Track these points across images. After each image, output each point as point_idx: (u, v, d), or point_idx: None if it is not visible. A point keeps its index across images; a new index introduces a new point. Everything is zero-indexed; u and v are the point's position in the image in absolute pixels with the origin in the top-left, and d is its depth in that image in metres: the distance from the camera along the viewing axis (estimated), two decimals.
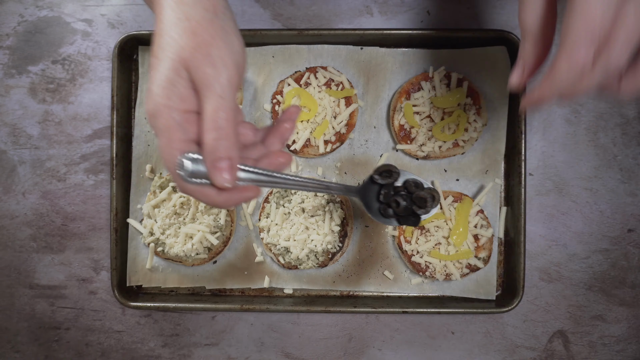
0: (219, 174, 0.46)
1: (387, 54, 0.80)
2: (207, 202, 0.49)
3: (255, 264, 0.81)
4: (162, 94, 0.45)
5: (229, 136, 0.46)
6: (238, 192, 0.49)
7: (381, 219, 0.59)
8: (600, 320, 0.81)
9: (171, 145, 0.46)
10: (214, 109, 0.45)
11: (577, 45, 0.41)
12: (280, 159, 0.52)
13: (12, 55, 0.83)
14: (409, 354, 0.82)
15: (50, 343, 0.83)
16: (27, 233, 0.83)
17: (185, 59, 0.45)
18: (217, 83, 0.45)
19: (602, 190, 0.80)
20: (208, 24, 0.46)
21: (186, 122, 0.46)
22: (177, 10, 0.46)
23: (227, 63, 0.46)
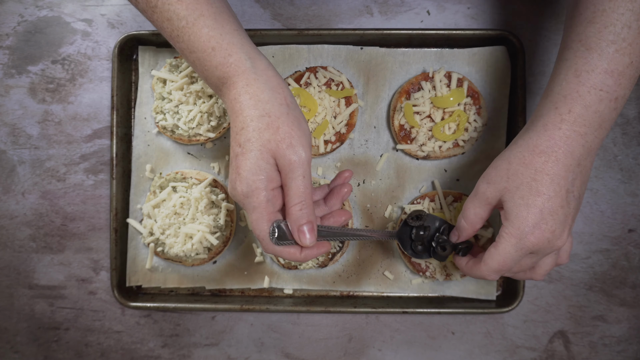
0: (304, 236, 0.57)
1: (387, 54, 0.80)
2: (291, 259, 0.60)
3: (255, 264, 0.81)
4: (253, 178, 0.54)
5: (309, 205, 0.56)
6: (316, 248, 0.60)
7: (414, 255, 0.71)
8: (601, 321, 0.81)
9: (263, 218, 0.56)
10: (297, 187, 0.55)
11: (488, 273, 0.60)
12: (344, 217, 0.65)
13: (11, 55, 0.83)
14: (409, 354, 0.82)
15: (50, 343, 0.83)
16: (27, 233, 0.83)
17: (272, 149, 0.54)
18: (299, 166, 0.55)
19: (603, 190, 0.80)
20: (285, 117, 0.55)
21: (273, 198, 0.56)
22: (257, 107, 0.55)
23: (305, 148, 0.56)
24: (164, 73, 0.78)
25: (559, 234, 0.55)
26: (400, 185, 0.81)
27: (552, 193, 0.54)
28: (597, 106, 0.54)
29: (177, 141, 0.81)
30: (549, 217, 0.55)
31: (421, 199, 0.79)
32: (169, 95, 0.78)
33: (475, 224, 0.63)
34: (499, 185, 0.58)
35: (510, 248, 0.57)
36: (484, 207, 0.61)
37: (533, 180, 0.55)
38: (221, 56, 0.57)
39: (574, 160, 0.55)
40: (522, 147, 0.57)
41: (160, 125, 0.79)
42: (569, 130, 0.55)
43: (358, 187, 0.81)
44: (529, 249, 0.56)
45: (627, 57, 0.53)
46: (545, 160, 0.55)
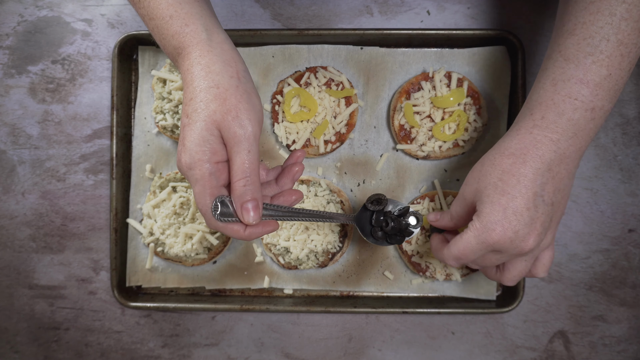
0: (247, 213, 0.55)
1: (387, 54, 0.80)
2: (234, 236, 0.58)
3: (255, 264, 0.81)
4: (196, 149, 0.53)
5: (254, 182, 0.55)
6: (261, 227, 0.58)
7: (372, 240, 0.69)
8: (601, 321, 0.81)
9: (205, 192, 0.54)
10: (242, 161, 0.54)
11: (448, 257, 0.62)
12: (294, 196, 0.63)
13: (11, 55, 0.83)
14: (409, 354, 0.82)
15: (50, 343, 0.83)
16: (27, 233, 0.83)
17: (217, 120, 0.54)
18: (245, 140, 0.54)
19: (603, 190, 0.80)
20: (234, 90, 0.55)
21: (217, 171, 0.55)
22: (207, 78, 0.54)
23: (252, 122, 0.54)
24: (164, 73, 0.78)
25: (522, 236, 0.55)
26: (400, 185, 0.81)
27: (516, 193, 0.55)
28: (570, 114, 0.55)
29: (177, 141, 0.81)
30: (512, 216, 0.55)
31: (421, 199, 0.79)
32: (169, 95, 0.78)
33: (455, 220, 0.65)
34: (472, 186, 0.60)
35: (472, 239, 0.58)
36: (462, 206, 0.63)
37: (499, 180, 0.56)
38: (178, 25, 0.57)
39: (544, 164, 0.55)
40: (495, 150, 0.59)
41: (160, 125, 0.79)
42: (539, 135, 0.56)
43: (358, 187, 0.81)
44: (490, 244, 0.57)
45: (605, 69, 0.54)
46: (513, 162, 0.56)
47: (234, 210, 0.56)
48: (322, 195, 0.77)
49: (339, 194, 0.79)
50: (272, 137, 0.81)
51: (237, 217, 0.56)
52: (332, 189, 0.78)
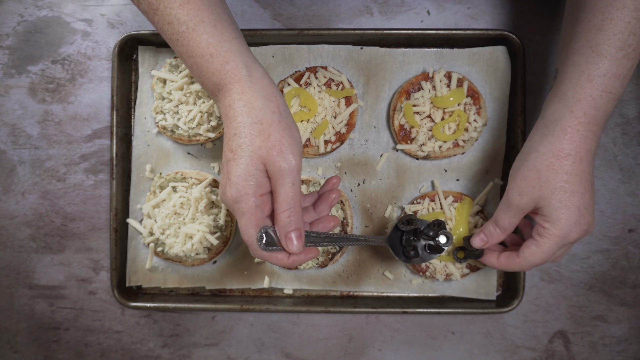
0: (291, 243, 0.57)
1: (387, 54, 0.80)
2: (278, 264, 0.60)
3: (255, 264, 0.81)
4: (243, 183, 0.55)
5: (297, 213, 0.57)
6: (304, 254, 0.60)
7: (403, 259, 0.71)
8: (601, 321, 0.81)
9: (251, 224, 0.57)
10: (286, 194, 0.56)
11: (527, 267, 0.65)
12: (332, 223, 0.65)
13: (11, 55, 0.83)
14: (409, 354, 0.82)
15: (50, 343, 0.83)
16: (27, 233, 0.83)
17: (262, 156, 0.55)
18: (289, 173, 0.56)
19: (603, 190, 0.80)
20: (277, 125, 0.56)
21: (262, 204, 0.57)
22: (250, 114, 0.56)
23: (295, 155, 0.56)
24: (164, 73, 0.78)
25: (592, 222, 0.62)
26: (400, 185, 0.81)
27: (583, 190, 0.60)
28: (606, 107, 0.60)
29: (177, 141, 0.81)
30: (585, 211, 0.61)
31: (421, 199, 0.79)
32: (169, 95, 0.78)
33: (508, 232, 0.68)
34: (532, 194, 0.62)
35: (554, 246, 0.62)
36: (518, 216, 0.65)
37: (566, 183, 0.60)
38: (219, 63, 0.58)
39: (592, 156, 0.61)
40: (547, 153, 0.61)
41: (160, 125, 0.79)
42: (585, 131, 0.60)
43: (358, 187, 0.81)
44: (570, 243, 0.62)
45: (631, 62, 0.58)
46: (572, 162, 0.60)
47: (277, 239, 0.58)
48: None
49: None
50: None
51: (281, 246, 0.58)
52: None
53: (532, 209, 0.63)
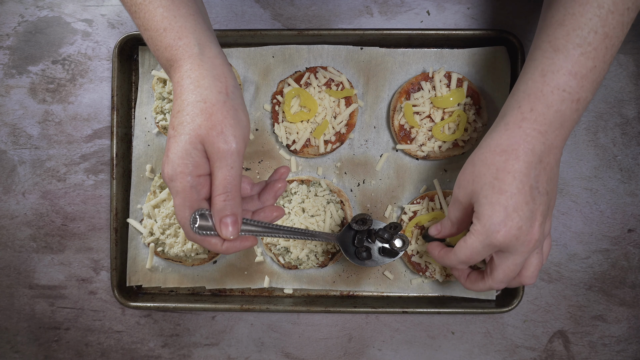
0: (226, 228, 0.55)
1: (387, 54, 0.80)
2: (211, 249, 0.58)
3: (255, 264, 0.81)
4: (179, 162, 0.54)
5: (234, 197, 0.55)
6: (239, 242, 0.59)
7: (356, 261, 0.70)
8: (601, 321, 0.81)
9: (185, 204, 0.55)
10: (224, 177, 0.54)
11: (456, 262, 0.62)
12: (275, 213, 0.63)
13: (12, 55, 0.83)
14: (409, 354, 0.82)
15: (50, 343, 0.83)
16: (27, 233, 0.83)
17: (202, 135, 0.54)
18: (228, 156, 0.54)
19: (602, 190, 0.80)
20: (221, 105, 0.55)
21: (198, 184, 0.55)
22: (196, 92, 0.55)
23: (237, 138, 0.54)
24: (164, 73, 0.78)
25: (526, 230, 0.56)
26: (400, 185, 0.81)
27: (514, 190, 0.55)
28: (558, 106, 0.56)
29: None
30: (514, 213, 0.55)
31: (421, 199, 0.79)
32: (169, 95, 0.78)
33: (456, 225, 0.66)
34: (467, 188, 0.60)
35: (477, 244, 0.58)
36: (460, 210, 0.63)
37: (495, 179, 0.56)
38: (171, 38, 0.57)
39: (535, 157, 0.56)
40: (484, 148, 0.59)
41: (161, 125, 0.79)
42: (529, 128, 0.56)
43: (358, 187, 0.81)
44: (496, 246, 0.57)
45: (591, 61, 0.55)
46: (506, 159, 0.56)
47: (212, 224, 0.56)
48: (322, 195, 0.77)
49: (339, 194, 0.79)
50: (272, 137, 0.81)
51: (215, 231, 0.56)
52: (332, 189, 0.78)
53: (469, 205, 0.61)
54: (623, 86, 0.80)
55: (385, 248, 0.68)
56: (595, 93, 0.57)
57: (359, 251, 0.68)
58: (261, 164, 0.81)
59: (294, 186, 0.78)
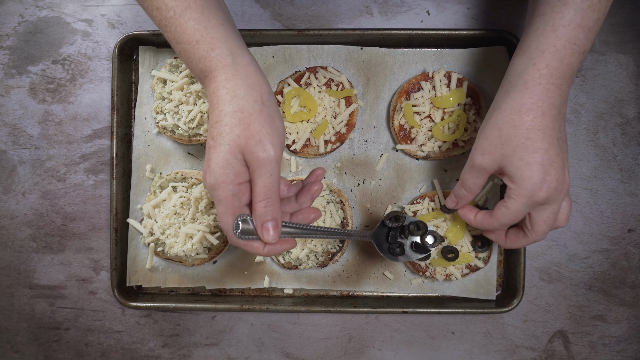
0: (267, 232, 0.58)
1: (387, 54, 0.80)
2: (254, 252, 0.60)
3: (255, 264, 0.81)
4: (220, 172, 0.55)
5: (274, 203, 0.57)
6: (280, 245, 0.60)
7: (389, 257, 0.71)
8: (601, 321, 0.81)
9: (227, 211, 0.57)
10: (264, 184, 0.56)
11: (499, 226, 0.64)
12: (312, 215, 0.65)
13: (12, 55, 0.83)
14: (409, 354, 0.82)
15: (50, 343, 0.83)
16: (27, 233, 0.83)
17: (241, 145, 0.55)
18: (267, 164, 0.55)
19: (602, 190, 0.80)
20: (258, 115, 0.56)
21: (239, 192, 0.57)
22: (232, 102, 0.56)
23: (275, 146, 0.56)
24: (164, 73, 0.78)
25: (562, 180, 0.59)
26: (400, 185, 0.81)
27: (546, 145, 0.58)
28: (569, 59, 0.58)
29: (177, 141, 0.81)
30: (550, 168, 0.58)
31: (421, 199, 0.79)
32: (169, 95, 0.78)
33: (474, 191, 0.67)
34: (494, 154, 0.61)
35: (520, 206, 0.60)
36: (482, 177, 0.64)
37: (527, 139, 0.58)
38: (204, 49, 0.58)
39: (556, 109, 0.59)
40: (507, 110, 0.60)
41: (161, 125, 0.79)
42: (547, 83, 0.58)
43: (358, 187, 0.81)
44: (539, 203, 0.60)
45: (596, 14, 0.57)
46: (533, 117, 0.58)
47: (254, 228, 0.58)
48: (322, 195, 0.77)
49: (339, 194, 0.79)
50: None
51: (257, 235, 0.58)
52: (332, 189, 0.78)
53: (497, 169, 0.62)
54: (623, 86, 0.80)
55: (417, 244, 0.70)
56: None
57: (392, 247, 0.70)
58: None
59: None
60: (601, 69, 0.80)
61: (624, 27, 0.80)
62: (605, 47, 0.80)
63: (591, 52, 0.80)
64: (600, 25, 0.58)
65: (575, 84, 0.80)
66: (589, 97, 0.80)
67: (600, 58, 0.80)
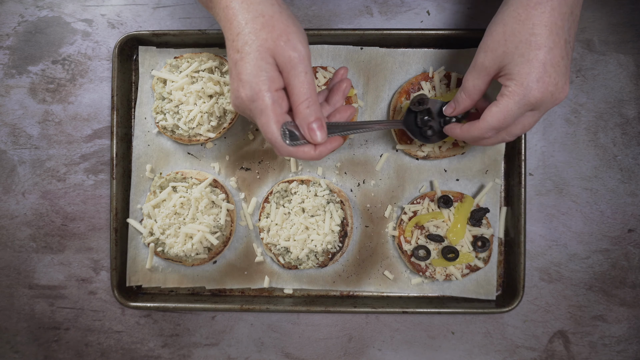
0: (314, 133, 0.57)
1: (387, 54, 0.80)
2: (305, 157, 0.59)
3: (255, 264, 0.81)
4: (255, 80, 0.54)
5: (315, 102, 0.56)
6: (329, 143, 0.60)
7: (423, 140, 0.72)
8: (601, 321, 0.81)
9: (271, 121, 0.55)
10: (301, 83, 0.55)
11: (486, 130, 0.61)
12: (349, 111, 0.64)
13: (12, 55, 0.83)
14: (409, 354, 0.82)
15: (50, 343, 0.83)
16: (27, 233, 0.83)
17: (270, 48, 0.54)
18: (300, 62, 0.54)
19: (602, 190, 0.80)
20: (280, 16, 0.55)
21: (279, 99, 0.56)
22: (250, 9, 0.55)
23: (303, 43, 0.55)
24: (164, 73, 0.78)
25: (561, 86, 0.56)
26: (400, 185, 0.81)
27: (552, 44, 0.54)
28: None
29: (177, 141, 0.81)
30: (551, 69, 0.55)
31: (421, 199, 0.79)
32: (169, 95, 0.78)
33: (473, 96, 0.64)
34: (497, 50, 0.58)
35: (512, 105, 0.57)
36: (483, 78, 0.61)
37: (532, 35, 0.55)
38: None
39: (568, 7, 0.55)
40: (515, 4, 0.57)
41: (161, 125, 0.79)
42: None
43: (358, 187, 0.81)
44: (532, 104, 0.56)
45: None
46: (542, 12, 0.54)
47: (299, 133, 0.57)
48: (322, 195, 0.77)
49: (339, 194, 0.79)
50: None
51: (304, 139, 0.57)
52: (332, 189, 0.78)
53: (498, 68, 0.59)
54: (623, 86, 0.80)
55: (445, 121, 0.69)
56: None
57: (423, 131, 0.70)
58: (261, 164, 0.81)
59: (293, 186, 0.78)
60: (601, 69, 0.80)
61: (624, 27, 0.80)
62: (605, 47, 0.80)
63: (591, 52, 0.80)
64: None
65: (575, 84, 0.80)
66: (589, 97, 0.80)
67: (601, 58, 0.80)
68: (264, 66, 0.54)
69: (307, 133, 0.57)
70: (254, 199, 0.81)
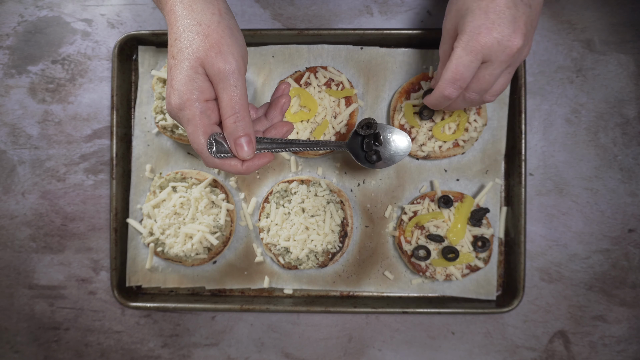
0: (241, 149, 0.56)
1: (387, 54, 0.80)
2: (233, 171, 0.58)
3: (255, 264, 0.81)
4: (184, 89, 0.54)
5: (244, 117, 0.55)
6: (257, 159, 0.59)
7: (367, 165, 0.71)
8: (601, 321, 0.81)
9: (198, 131, 0.55)
10: (229, 97, 0.54)
11: (445, 85, 0.62)
12: (285, 128, 0.62)
13: (12, 55, 0.83)
14: (409, 354, 0.82)
15: (50, 343, 0.83)
16: (27, 233, 0.83)
17: (201, 57, 0.53)
18: (230, 75, 0.53)
19: (603, 190, 0.80)
20: (216, 26, 0.54)
21: (207, 109, 0.55)
22: (190, 16, 0.55)
23: (235, 56, 0.54)
24: (164, 73, 0.78)
25: (509, 35, 0.57)
26: (400, 185, 0.81)
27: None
28: None
29: (177, 141, 0.81)
30: (494, 15, 0.57)
31: (421, 199, 0.79)
32: None
33: (443, 60, 0.66)
34: (452, 11, 0.61)
35: (461, 52, 0.59)
36: (448, 42, 0.63)
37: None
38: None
39: None
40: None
41: (160, 125, 0.79)
42: None
43: (358, 187, 0.81)
44: (479, 50, 0.58)
45: None
46: None
47: (228, 147, 0.56)
48: (322, 195, 0.77)
49: (339, 194, 0.79)
50: None
51: (232, 153, 0.57)
52: (332, 189, 0.78)
53: (455, 29, 0.61)
54: (623, 86, 0.80)
55: (393, 148, 0.70)
56: None
57: (368, 155, 0.69)
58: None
59: (294, 186, 0.78)
60: (601, 69, 0.80)
61: (624, 27, 0.80)
62: (606, 47, 0.80)
63: (591, 52, 0.80)
64: None
65: (575, 84, 0.80)
66: (589, 97, 0.80)
67: (601, 58, 0.80)
68: (193, 76, 0.54)
69: (234, 148, 0.56)
70: (253, 199, 0.81)
